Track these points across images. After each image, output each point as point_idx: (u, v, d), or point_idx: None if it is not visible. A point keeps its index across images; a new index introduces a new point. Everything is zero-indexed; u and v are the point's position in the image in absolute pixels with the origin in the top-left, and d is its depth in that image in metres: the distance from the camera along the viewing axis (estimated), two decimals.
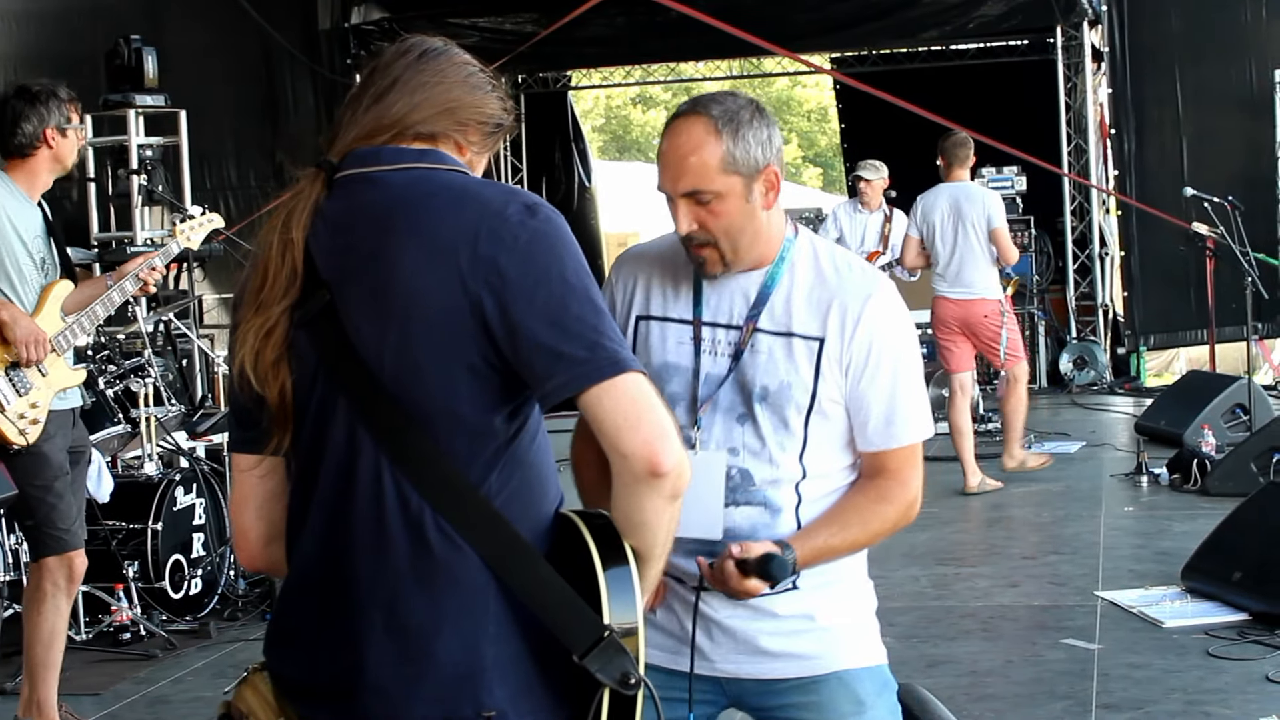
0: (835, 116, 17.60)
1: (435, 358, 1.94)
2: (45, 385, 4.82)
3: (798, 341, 2.47)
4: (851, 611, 2.59)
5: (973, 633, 5.76)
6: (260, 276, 2.03)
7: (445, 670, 1.96)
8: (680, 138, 2.42)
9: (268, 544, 2.14)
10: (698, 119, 2.41)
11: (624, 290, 2.61)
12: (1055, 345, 13.84)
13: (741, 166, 2.41)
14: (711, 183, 2.40)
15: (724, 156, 2.39)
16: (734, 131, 2.40)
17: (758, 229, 2.47)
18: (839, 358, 2.47)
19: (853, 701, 2.53)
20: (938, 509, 8.09)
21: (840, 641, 2.56)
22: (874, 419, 2.49)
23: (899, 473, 2.52)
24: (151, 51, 9.80)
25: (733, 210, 2.42)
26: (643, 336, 2.57)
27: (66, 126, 4.87)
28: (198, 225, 5.53)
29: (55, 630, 4.91)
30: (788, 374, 2.47)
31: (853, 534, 2.49)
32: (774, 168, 2.45)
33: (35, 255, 4.87)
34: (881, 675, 2.61)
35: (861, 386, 2.48)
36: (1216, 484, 8.00)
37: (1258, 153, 12.76)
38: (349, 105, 2.10)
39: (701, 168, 2.39)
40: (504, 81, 2.14)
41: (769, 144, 2.44)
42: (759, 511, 2.48)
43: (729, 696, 2.60)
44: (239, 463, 2.13)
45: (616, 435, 1.91)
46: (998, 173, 13.65)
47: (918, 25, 14.06)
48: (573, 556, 1.98)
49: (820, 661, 2.54)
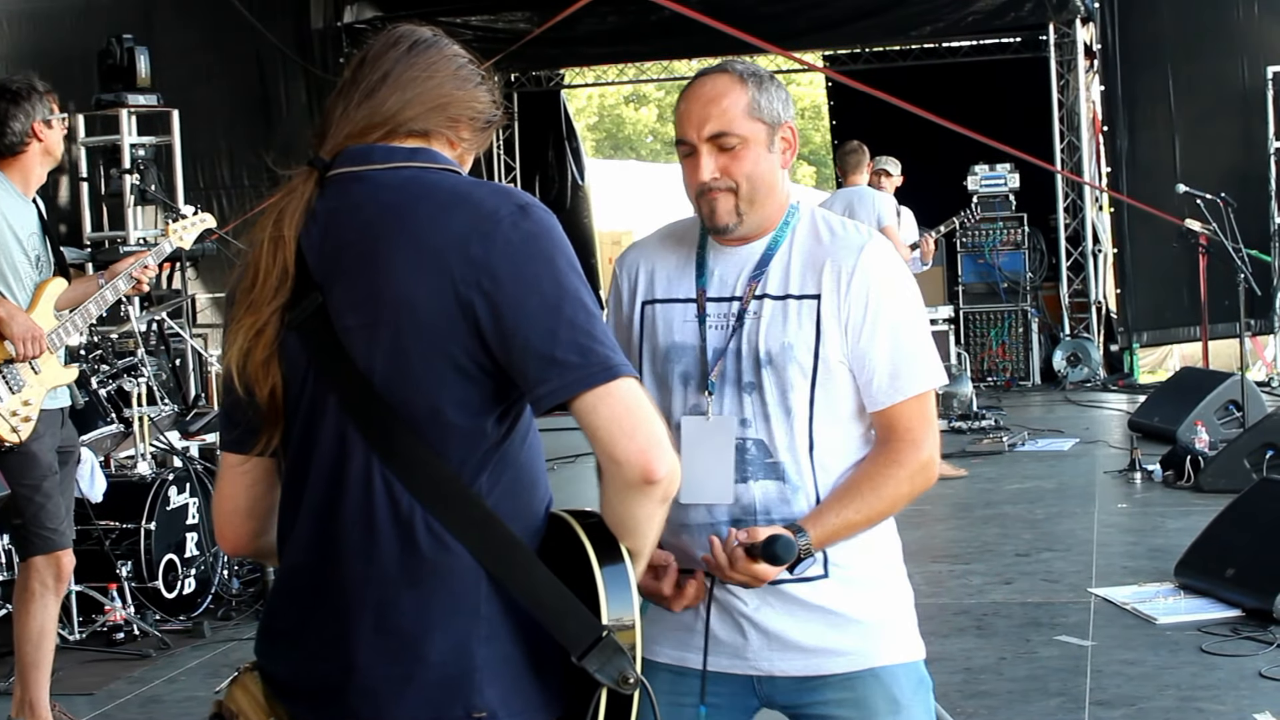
0: (828, 114, 17.56)
1: (427, 360, 1.94)
2: (38, 383, 4.83)
3: (794, 302, 2.46)
4: (886, 603, 2.54)
5: (966, 630, 5.76)
6: (251, 276, 2.02)
7: (435, 671, 1.95)
8: (705, 88, 2.48)
9: (255, 539, 2.15)
10: (722, 74, 2.49)
11: (628, 280, 2.61)
12: (1049, 342, 13.86)
13: (766, 115, 2.46)
14: (738, 126, 2.44)
15: (750, 103, 2.45)
16: (759, 84, 2.48)
17: (774, 184, 2.49)
18: (837, 313, 2.44)
19: (888, 700, 2.48)
20: (930, 506, 8.10)
21: (877, 636, 2.50)
22: (879, 373, 2.45)
23: (910, 430, 2.46)
24: (144, 51, 9.80)
25: (756, 157, 2.46)
26: (649, 321, 2.56)
27: (50, 118, 4.90)
28: (190, 225, 5.53)
29: (44, 630, 4.91)
30: (789, 335, 2.44)
31: (868, 504, 2.43)
32: (791, 124, 2.52)
33: (30, 252, 4.88)
34: (918, 672, 2.55)
35: (863, 343, 2.44)
36: (1210, 480, 8.01)
37: (1250, 149, 12.77)
38: (339, 98, 2.09)
39: (729, 111, 2.44)
40: (497, 80, 2.12)
41: (788, 105, 2.52)
42: (776, 485, 2.45)
43: (761, 697, 2.54)
44: (227, 460, 2.12)
45: (611, 442, 1.91)
46: (991, 170, 13.68)
47: (910, 22, 14.08)
48: (565, 555, 1.98)
49: (856, 658, 2.48)
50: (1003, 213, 13.80)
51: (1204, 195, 10.10)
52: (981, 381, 13.35)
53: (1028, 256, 13.82)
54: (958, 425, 10.97)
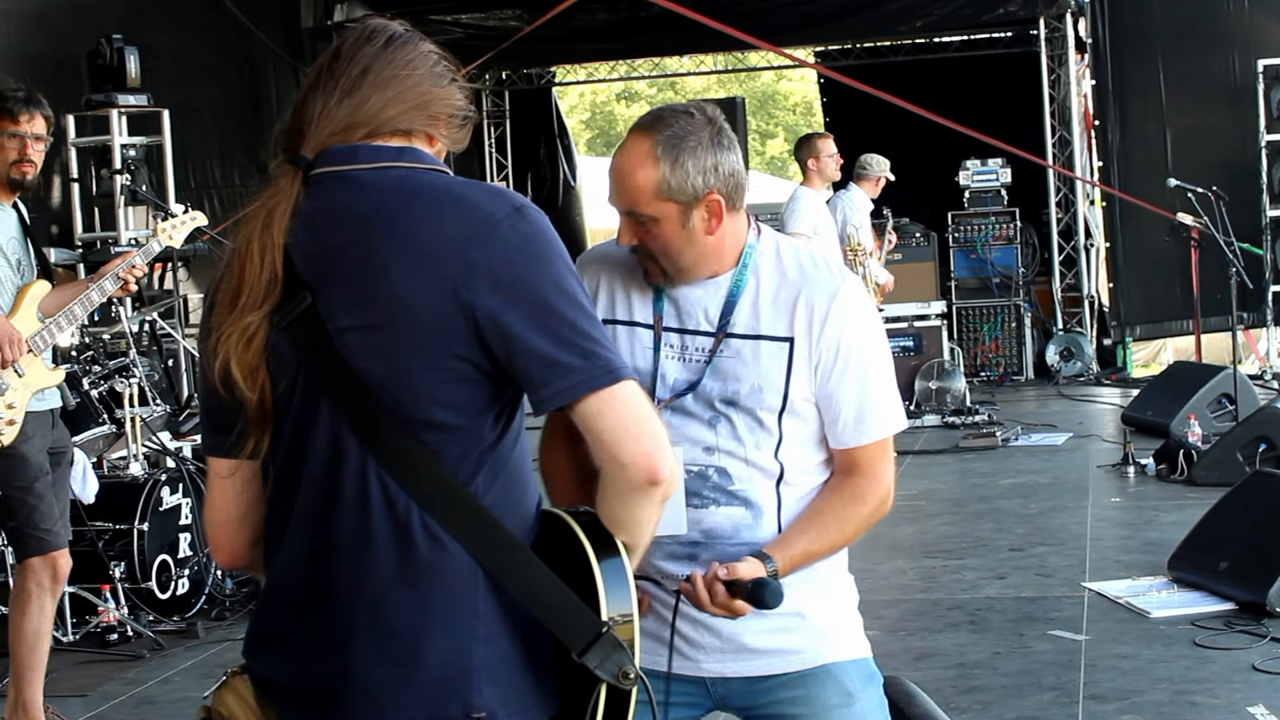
0: (820, 110, 17.56)
1: (425, 362, 1.93)
2: (22, 386, 4.82)
3: (766, 344, 2.47)
4: (835, 605, 2.60)
5: (960, 625, 5.76)
6: (237, 278, 1.99)
7: (434, 672, 1.94)
8: (623, 156, 2.43)
9: (251, 547, 2.12)
10: (644, 139, 2.41)
11: (589, 292, 2.59)
12: (1041, 337, 13.87)
13: (677, 194, 2.40)
14: (646, 207, 2.41)
15: (659, 183, 2.39)
16: (673, 159, 2.39)
17: (700, 251, 2.46)
18: (809, 357, 2.47)
19: (840, 694, 2.54)
20: (924, 502, 8.10)
21: (826, 635, 2.56)
22: (845, 417, 2.49)
23: (871, 468, 2.53)
24: (133, 51, 9.79)
25: (668, 234, 2.43)
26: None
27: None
28: (179, 224, 5.51)
29: (40, 631, 4.90)
30: (758, 377, 2.47)
31: (830, 537, 2.50)
32: (717, 195, 2.42)
33: (10, 257, 4.89)
34: (867, 667, 2.62)
35: (831, 384, 2.48)
36: (1203, 474, 8.01)
37: (1241, 143, 12.78)
38: (315, 92, 2.04)
39: (636, 191, 2.41)
40: (487, 77, 2.10)
41: (714, 171, 2.41)
42: (740, 511, 2.48)
43: (714, 698, 2.59)
44: (216, 468, 2.10)
45: (616, 445, 1.91)
46: (982, 165, 13.68)
47: (901, 18, 14.08)
48: (561, 552, 1.97)
49: (807, 656, 2.54)
50: (995, 207, 13.81)
51: (1196, 189, 10.10)
52: (974, 376, 13.36)
53: (1020, 251, 13.82)
54: (951, 420, 10.97)
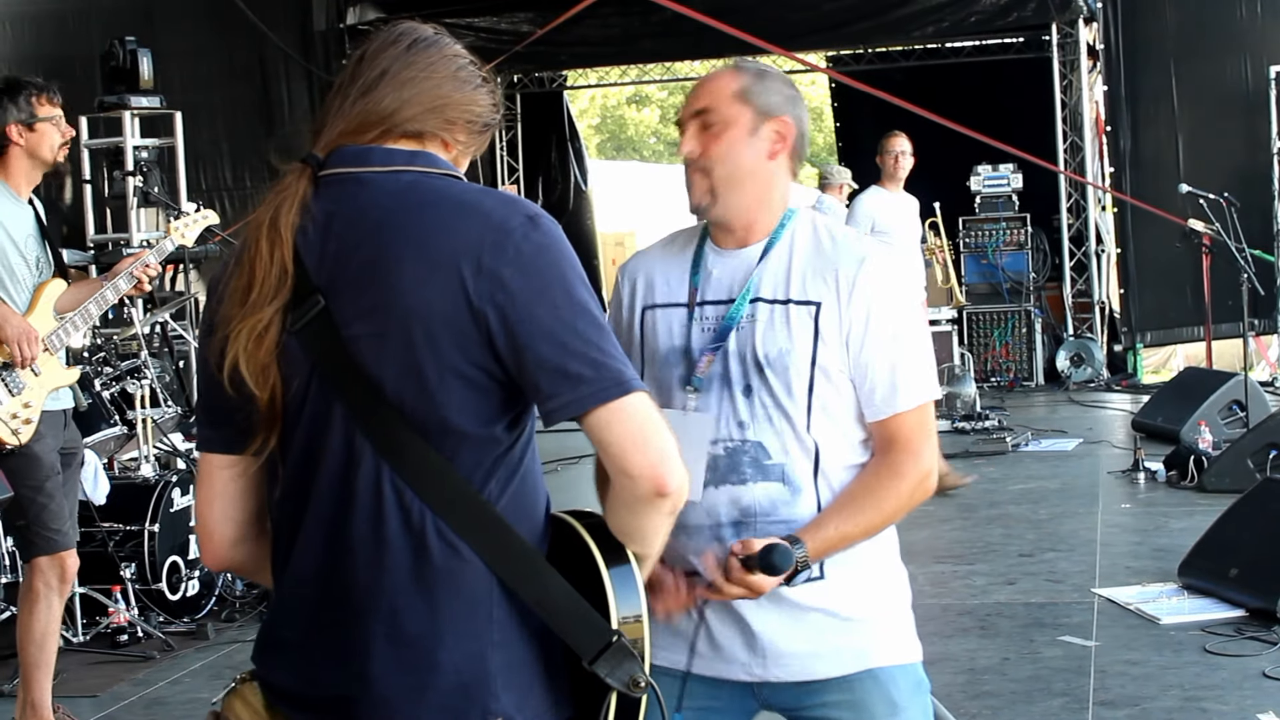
0: (831, 115, 17.56)
1: (439, 370, 1.92)
2: (38, 385, 4.82)
3: (795, 308, 2.45)
4: (883, 603, 2.54)
5: (970, 630, 5.76)
6: (247, 274, 1.98)
7: (450, 679, 1.94)
8: (708, 77, 2.55)
9: (234, 545, 2.11)
10: (729, 67, 2.54)
11: (629, 287, 2.62)
12: (1052, 342, 13.86)
13: (755, 102, 2.47)
14: (722, 106, 2.46)
15: (741, 88, 2.47)
16: (758, 75, 2.50)
17: (754, 172, 2.47)
18: (838, 324, 2.43)
19: (886, 703, 2.48)
20: (934, 506, 8.09)
21: (873, 636, 2.49)
22: (879, 385, 2.44)
23: (910, 442, 2.46)
24: (146, 53, 9.81)
25: (735, 140, 2.46)
26: (649, 326, 2.57)
27: (34, 120, 4.84)
28: (192, 222, 5.50)
29: (48, 630, 4.91)
30: (786, 341, 2.44)
31: (867, 517, 2.43)
32: (790, 121, 2.49)
33: (28, 254, 4.86)
34: (915, 674, 2.55)
35: (864, 354, 2.44)
36: (1213, 480, 8.00)
37: (1253, 149, 12.77)
38: (336, 94, 2.06)
39: (717, 91, 2.48)
40: (498, 80, 2.11)
41: (791, 105, 2.50)
42: (778, 488, 2.44)
43: (760, 700, 2.54)
44: (212, 461, 2.08)
45: (624, 457, 1.91)
46: (994, 170, 13.69)
47: (913, 23, 14.07)
48: (570, 558, 1.97)
49: (853, 658, 2.48)
50: (1006, 213, 13.80)
51: (1207, 195, 10.08)
52: (985, 382, 13.34)
53: (1031, 257, 13.82)
54: (961, 426, 10.96)
